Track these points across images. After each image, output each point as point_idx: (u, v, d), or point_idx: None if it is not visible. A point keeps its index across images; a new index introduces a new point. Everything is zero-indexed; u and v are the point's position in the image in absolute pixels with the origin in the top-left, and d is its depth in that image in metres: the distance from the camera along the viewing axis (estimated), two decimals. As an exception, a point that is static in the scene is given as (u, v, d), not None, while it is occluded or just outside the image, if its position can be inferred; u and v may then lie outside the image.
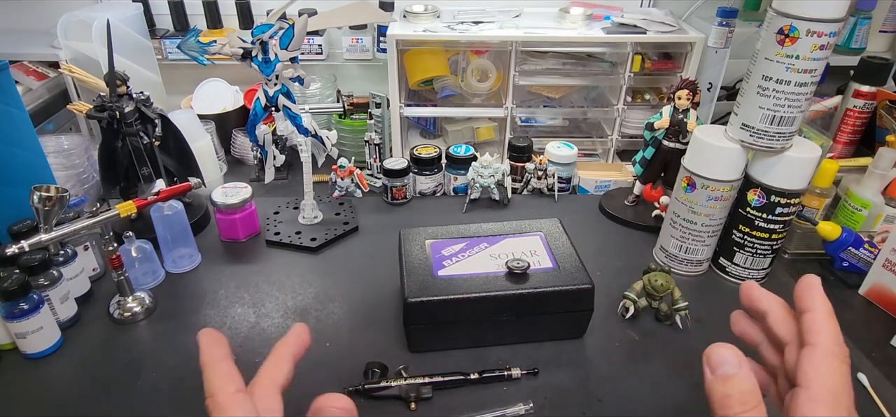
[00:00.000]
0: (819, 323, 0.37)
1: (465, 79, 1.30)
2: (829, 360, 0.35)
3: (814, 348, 0.35)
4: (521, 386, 0.57)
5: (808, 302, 0.38)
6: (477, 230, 0.67)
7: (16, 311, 0.57)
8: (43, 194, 0.56)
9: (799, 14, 0.57)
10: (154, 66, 1.23)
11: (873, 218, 0.80)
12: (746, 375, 0.35)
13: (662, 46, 1.24)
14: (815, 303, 0.38)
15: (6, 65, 0.67)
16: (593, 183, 1.00)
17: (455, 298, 0.57)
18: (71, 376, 0.59)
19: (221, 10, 1.32)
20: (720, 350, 0.36)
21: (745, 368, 0.35)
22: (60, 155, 0.93)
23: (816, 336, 0.36)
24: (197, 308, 0.69)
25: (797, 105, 0.62)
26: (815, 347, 0.35)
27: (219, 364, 0.39)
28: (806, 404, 0.33)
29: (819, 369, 0.34)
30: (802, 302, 0.38)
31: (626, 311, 0.66)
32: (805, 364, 0.34)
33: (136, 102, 0.74)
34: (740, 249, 0.72)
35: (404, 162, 0.91)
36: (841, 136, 1.08)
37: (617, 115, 1.29)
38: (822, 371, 0.34)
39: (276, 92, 0.73)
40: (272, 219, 0.86)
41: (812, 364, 0.34)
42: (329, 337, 0.64)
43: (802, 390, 0.33)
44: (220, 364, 0.39)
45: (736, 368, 0.35)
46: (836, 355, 0.35)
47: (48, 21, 1.18)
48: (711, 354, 0.36)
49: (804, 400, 0.33)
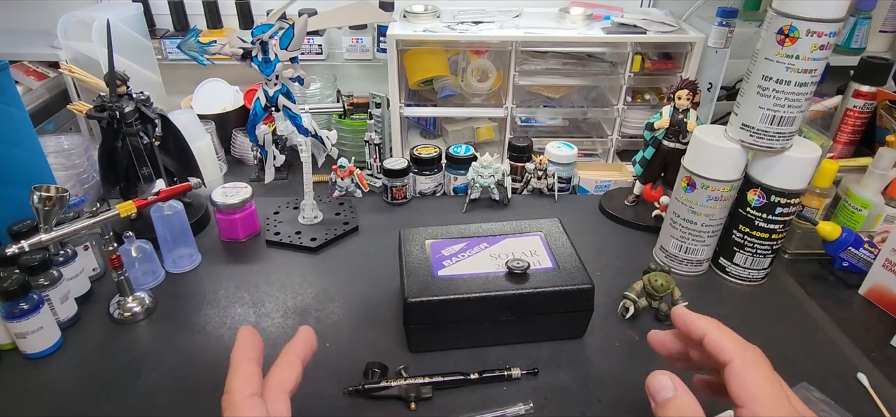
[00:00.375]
0: (717, 341, 0.38)
1: (465, 79, 1.30)
2: (749, 369, 0.36)
3: (730, 365, 0.37)
4: (521, 386, 0.57)
5: (695, 331, 0.40)
6: (477, 230, 0.67)
7: (16, 311, 0.57)
8: (43, 194, 0.56)
9: (799, 14, 0.57)
10: (154, 66, 1.23)
11: (873, 218, 0.80)
12: (683, 396, 0.37)
13: (662, 46, 1.24)
14: (700, 327, 0.40)
15: (6, 65, 0.67)
16: (593, 183, 1.00)
17: (455, 298, 0.57)
18: (71, 376, 0.59)
19: (221, 10, 1.32)
20: (656, 377, 0.38)
21: (682, 390, 0.37)
22: (60, 155, 0.93)
23: (723, 353, 0.37)
24: (197, 308, 0.69)
25: (797, 105, 0.62)
26: (731, 364, 0.37)
27: (245, 364, 0.40)
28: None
29: (745, 383, 0.36)
30: (692, 334, 0.40)
31: (626, 311, 0.66)
32: (732, 384, 0.36)
33: (136, 102, 0.74)
34: (740, 249, 0.72)
35: (404, 162, 0.91)
36: (841, 136, 1.08)
37: (617, 115, 1.29)
38: (750, 384, 0.35)
39: (276, 92, 0.73)
40: (272, 219, 0.86)
41: (737, 380, 0.36)
42: (329, 337, 0.64)
43: (743, 410, 0.35)
44: (247, 364, 0.40)
45: (672, 391, 0.37)
46: (749, 360, 0.37)
47: (48, 21, 1.18)
48: (650, 383, 0.38)
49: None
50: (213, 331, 0.65)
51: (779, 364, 0.36)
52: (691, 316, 0.41)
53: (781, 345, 0.64)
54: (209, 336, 0.64)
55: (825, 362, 0.62)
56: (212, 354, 0.61)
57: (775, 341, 0.64)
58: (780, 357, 0.62)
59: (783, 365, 0.60)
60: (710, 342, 0.39)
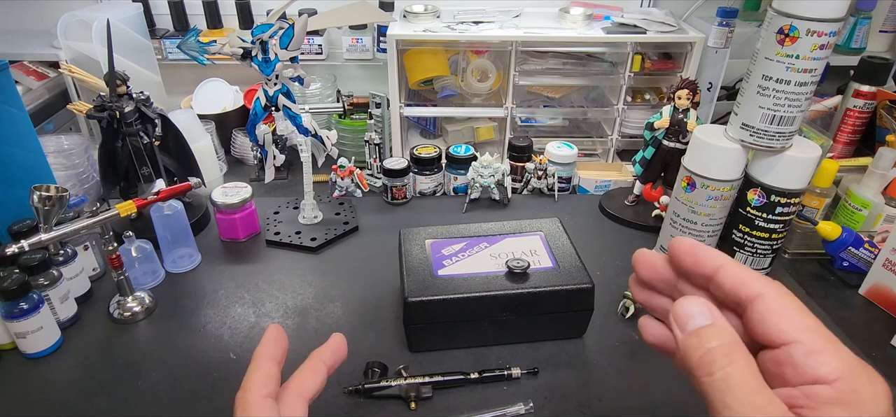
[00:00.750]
0: (738, 275, 0.31)
1: (465, 79, 1.30)
2: (786, 299, 0.29)
3: (761, 299, 0.29)
4: (521, 386, 0.57)
5: (707, 263, 0.32)
6: (477, 230, 0.67)
7: (16, 311, 0.57)
8: (43, 194, 0.56)
9: (799, 14, 0.57)
10: (154, 65, 1.23)
11: (873, 218, 0.80)
12: (723, 325, 0.29)
13: (662, 46, 1.24)
14: (715, 259, 0.32)
15: (6, 65, 0.67)
16: (593, 183, 1.00)
17: (455, 298, 0.57)
18: (71, 376, 0.59)
19: (221, 10, 1.32)
20: (686, 303, 0.31)
21: (720, 317, 0.30)
22: (60, 155, 0.93)
23: (746, 286, 0.30)
24: (197, 308, 0.69)
25: (797, 105, 0.62)
26: (761, 297, 0.29)
27: (265, 362, 0.39)
28: (809, 357, 0.27)
29: (789, 314, 0.28)
30: (702, 268, 0.33)
31: (626, 311, 0.66)
32: (770, 320, 0.28)
33: (136, 102, 0.74)
34: (740, 249, 0.72)
35: (404, 162, 0.91)
36: (841, 136, 1.08)
37: (617, 115, 1.29)
38: (793, 315, 0.28)
39: (276, 92, 0.73)
40: (272, 219, 0.86)
41: (775, 314, 0.28)
42: (329, 337, 0.64)
43: (793, 347, 0.28)
44: (267, 363, 0.39)
45: (709, 318, 0.29)
46: (782, 291, 0.30)
47: (48, 21, 1.18)
48: (678, 310, 0.31)
49: (802, 355, 0.27)
50: (213, 331, 0.65)
51: None
52: (701, 246, 0.33)
53: (781, 345, 0.64)
54: (209, 336, 0.64)
55: (825, 362, 0.62)
56: (212, 354, 0.61)
57: (775, 341, 0.64)
58: (781, 356, 0.62)
59: (783, 365, 0.60)
60: (726, 276, 0.31)
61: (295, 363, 0.61)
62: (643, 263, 0.38)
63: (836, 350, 0.27)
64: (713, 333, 0.29)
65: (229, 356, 0.61)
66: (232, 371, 0.59)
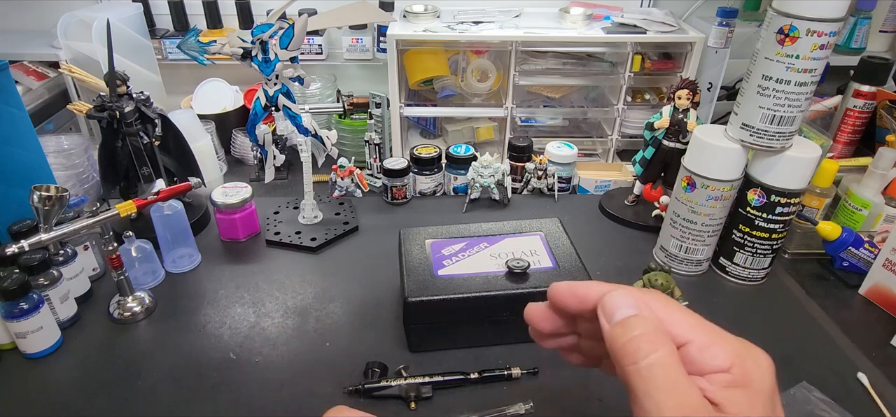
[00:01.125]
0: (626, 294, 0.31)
1: (465, 79, 1.30)
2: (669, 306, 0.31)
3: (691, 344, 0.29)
4: (521, 386, 0.57)
5: (591, 296, 0.33)
6: (477, 230, 0.67)
7: (16, 311, 0.57)
8: (43, 194, 0.56)
9: (799, 14, 0.57)
10: (154, 65, 1.23)
11: (873, 218, 0.80)
12: (648, 314, 0.30)
13: (662, 46, 1.24)
14: (595, 289, 0.33)
15: (6, 65, 0.67)
16: (593, 183, 1.00)
17: (455, 298, 0.57)
18: (71, 376, 0.59)
19: (221, 10, 1.32)
20: (614, 295, 0.31)
21: (645, 307, 0.30)
22: (60, 155, 0.93)
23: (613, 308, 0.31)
24: (197, 308, 0.69)
25: (797, 105, 0.62)
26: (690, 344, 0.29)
27: None
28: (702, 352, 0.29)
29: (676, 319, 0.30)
30: (588, 302, 0.33)
31: (626, 311, 0.66)
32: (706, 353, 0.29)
33: (136, 102, 0.74)
34: (740, 249, 0.72)
35: (404, 162, 0.91)
36: (841, 136, 1.08)
37: (617, 115, 1.29)
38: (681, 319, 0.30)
39: (276, 92, 0.73)
40: (272, 219, 0.86)
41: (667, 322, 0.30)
42: (329, 337, 0.64)
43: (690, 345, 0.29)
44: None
45: (635, 309, 0.30)
46: (665, 300, 0.31)
47: (48, 21, 1.18)
48: (606, 303, 0.31)
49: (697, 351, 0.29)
50: (213, 331, 0.65)
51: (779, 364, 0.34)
52: (577, 284, 0.34)
53: (781, 345, 0.64)
54: (209, 336, 0.64)
55: (825, 362, 0.62)
56: (212, 354, 0.61)
57: (775, 341, 0.64)
58: (781, 357, 0.62)
59: (783, 365, 0.61)
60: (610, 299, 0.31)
61: (295, 362, 0.61)
62: (538, 319, 0.38)
63: (723, 340, 0.29)
64: (638, 322, 0.29)
65: (229, 356, 0.61)
66: (232, 371, 0.59)
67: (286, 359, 0.61)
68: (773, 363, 0.29)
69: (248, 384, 0.58)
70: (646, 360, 0.28)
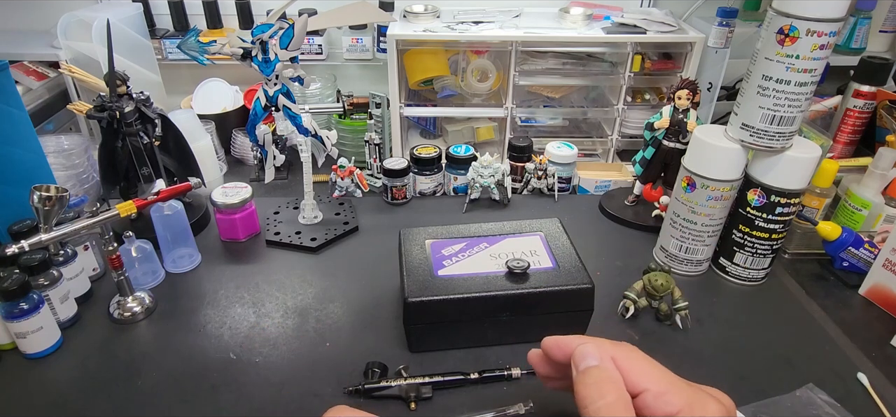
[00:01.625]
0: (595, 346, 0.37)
1: (465, 79, 1.30)
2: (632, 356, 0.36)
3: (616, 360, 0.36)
4: (521, 386, 0.57)
5: (568, 348, 0.38)
6: (477, 230, 0.67)
7: (16, 311, 0.57)
8: (43, 194, 0.56)
9: (799, 14, 0.57)
10: (154, 65, 1.23)
11: (873, 218, 0.80)
12: (606, 366, 0.35)
13: (662, 46, 1.24)
14: (571, 342, 0.38)
15: (6, 65, 0.67)
16: (593, 183, 1.00)
17: (455, 298, 0.57)
18: (71, 376, 0.59)
19: (221, 10, 1.32)
20: (583, 347, 0.36)
21: (607, 360, 0.35)
22: (60, 155, 0.93)
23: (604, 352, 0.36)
24: (197, 308, 0.69)
25: (797, 105, 0.62)
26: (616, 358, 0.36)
27: None
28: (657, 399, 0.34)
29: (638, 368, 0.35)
30: (567, 353, 0.38)
31: (626, 311, 0.66)
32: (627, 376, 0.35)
33: (136, 102, 0.74)
34: (740, 249, 0.72)
35: (404, 162, 0.91)
36: (841, 136, 1.08)
37: (617, 115, 1.29)
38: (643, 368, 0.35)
39: (276, 92, 0.73)
40: (272, 219, 0.86)
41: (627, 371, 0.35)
42: (329, 337, 0.64)
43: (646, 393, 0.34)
44: None
45: (597, 360, 0.35)
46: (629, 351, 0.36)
47: (48, 21, 1.18)
48: (576, 354, 0.36)
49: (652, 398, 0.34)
50: (213, 331, 0.65)
51: (779, 365, 0.35)
52: (560, 338, 0.40)
53: (782, 345, 0.64)
54: (209, 336, 0.64)
55: (825, 362, 0.62)
56: (212, 354, 0.61)
57: (775, 341, 0.64)
58: (781, 357, 0.62)
59: (783, 366, 0.61)
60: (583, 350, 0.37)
61: (296, 363, 0.61)
62: (537, 364, 0.43)
63: (677, 388, 0.34)
64: (595, 372, 0.34)
65: (229, 356, 0.61)
66: (232, 372, 0.59)
67: (286, 359, 0.61)
68: (729, 410, 0.34)
69: (248, 384, 0.58)
70: (594, 405, 0.33)
